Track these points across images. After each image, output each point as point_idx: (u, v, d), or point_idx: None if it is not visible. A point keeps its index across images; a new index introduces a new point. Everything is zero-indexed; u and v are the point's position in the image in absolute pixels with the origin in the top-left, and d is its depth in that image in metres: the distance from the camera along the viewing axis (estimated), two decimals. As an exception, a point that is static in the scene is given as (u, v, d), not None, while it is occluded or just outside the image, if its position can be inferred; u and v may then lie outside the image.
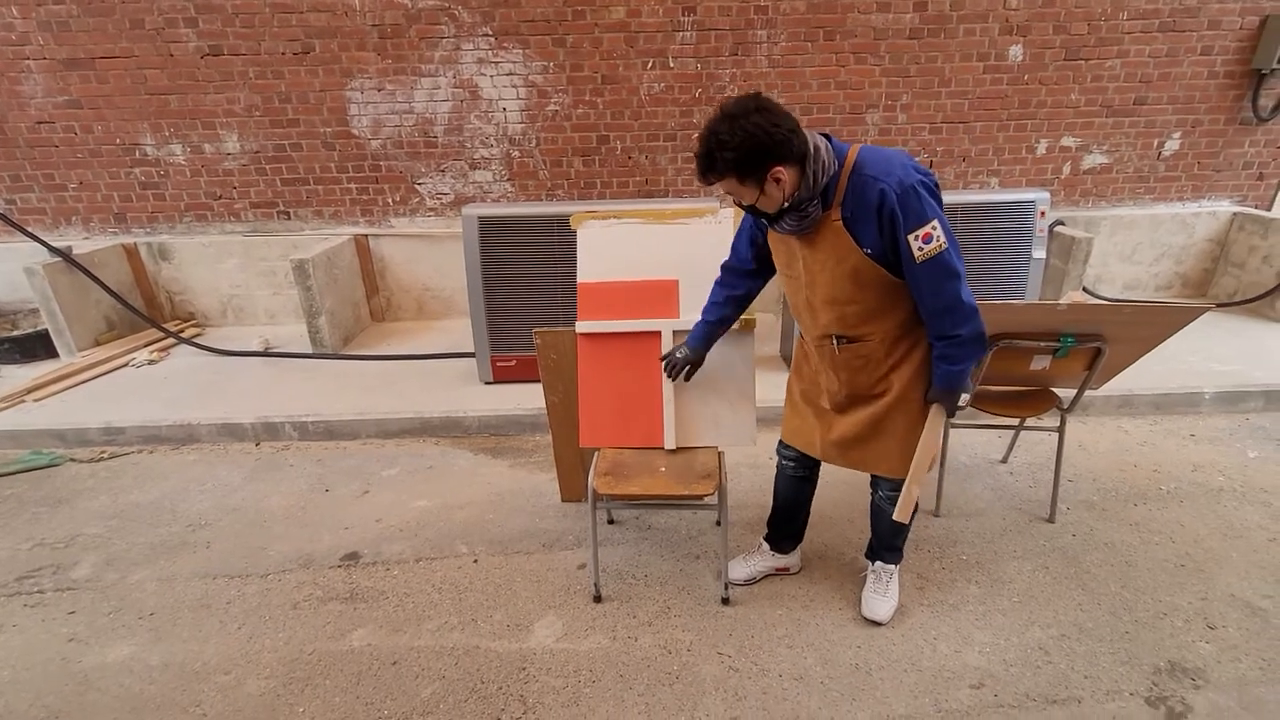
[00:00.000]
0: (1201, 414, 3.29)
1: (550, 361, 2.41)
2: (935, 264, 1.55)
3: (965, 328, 1.61)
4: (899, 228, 1.52)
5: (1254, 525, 2.48)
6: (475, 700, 1.85)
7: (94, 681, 1.95)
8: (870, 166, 1.54)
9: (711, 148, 1.50)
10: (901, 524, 2.03)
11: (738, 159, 1.48)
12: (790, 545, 2.28)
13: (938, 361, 1.69)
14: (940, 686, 1.85)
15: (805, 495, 2.19)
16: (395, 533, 2.58)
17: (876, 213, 1.53)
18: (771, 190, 1.54)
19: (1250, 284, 4.31)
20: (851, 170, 1.56)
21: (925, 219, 1.52)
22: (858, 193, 1.55)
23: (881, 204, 1.51)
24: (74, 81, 4.00)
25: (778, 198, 1.56)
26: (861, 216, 1.56)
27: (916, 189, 1.51)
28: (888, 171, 1.52)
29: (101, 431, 3.23)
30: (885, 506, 1.99)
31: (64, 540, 2.58)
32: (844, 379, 1.82)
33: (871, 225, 1.55)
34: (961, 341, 1.63)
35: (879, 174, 1.52)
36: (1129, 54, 4.11)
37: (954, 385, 1.70)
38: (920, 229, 1.52)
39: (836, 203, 1.58)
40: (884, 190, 1.50)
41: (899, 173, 1.51)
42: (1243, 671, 1.87)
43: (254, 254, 4.41)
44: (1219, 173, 4.47)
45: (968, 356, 1.66)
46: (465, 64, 4.02)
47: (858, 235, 1.58)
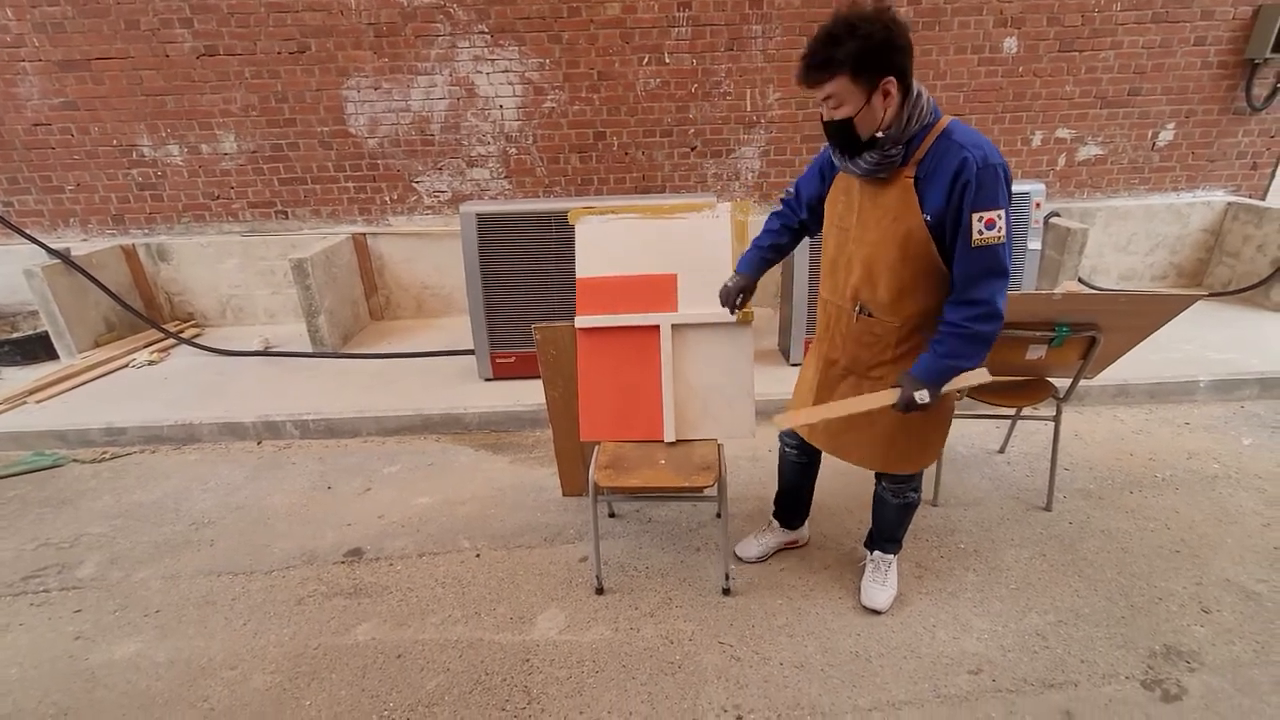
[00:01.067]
0: (1197, 402, 3.32)
1: (550, 357, 2.42)
2: (988, 254, 1.52)
3: (984, 325, 1.56)
4: (967, 201, 1.49)
5: (1248, 511, 2.51)
6: (480, 692, 1.87)
7: (101, 678, 1.97)
8: (960, 135, 1.52)
9: (838, 34, 1.42)
10: (904, 518, 2.06)
11: (862, 50, 1.42)
12: (799, 520, 2.35)
13: (934, 345, 1.62)
14: (939, 672, 1.88)
15: (809, 479, 2.25)
16: (397, 529, 2.60)
17: (953, 177, 1.49)
18: (877, 104, 1.49)
19: (1245, 273, 4.33)
20: (940, 133, 1.54)
21: (996, 203, 1.49)
22: (939, 155, 1.52)
23: (961, 170, 1.48)
24: (70, 83, 4.00)
25: (878, 116, 1.50)
26: (935, 178, 1.53)
27: (998, 170, 1.49)
28: (976, 144, 1.50)
29: (103, 432, 3.25)
30: (888, 498, 2.02)
31: (68, 540, 2.60)
32: (849, 350, 1.81)
33: (942, 189, 1.51)
34: (971, 336, 1.57)
35: (967, 143, 1.50)
36: (1122, 45, 4.12)
37: (931, 378, 1.62)
38: (988, 211, 1.49)
39: (915, 160, 1.55)
40: (967, 158, 1.48)
41: (987, 149, 1.50)
42: (1236, 654, 1.90)
43: (252, 254, 4.42)
44: (1213, 163, 4.48)
45: (966, 355, 1.60)
46: (461, 62, 4.03)
47: (924, 197, 1.55)
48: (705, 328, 2.17)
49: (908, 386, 1.65)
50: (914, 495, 2.01)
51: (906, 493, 1.99)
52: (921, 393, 1.62)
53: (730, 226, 2.18)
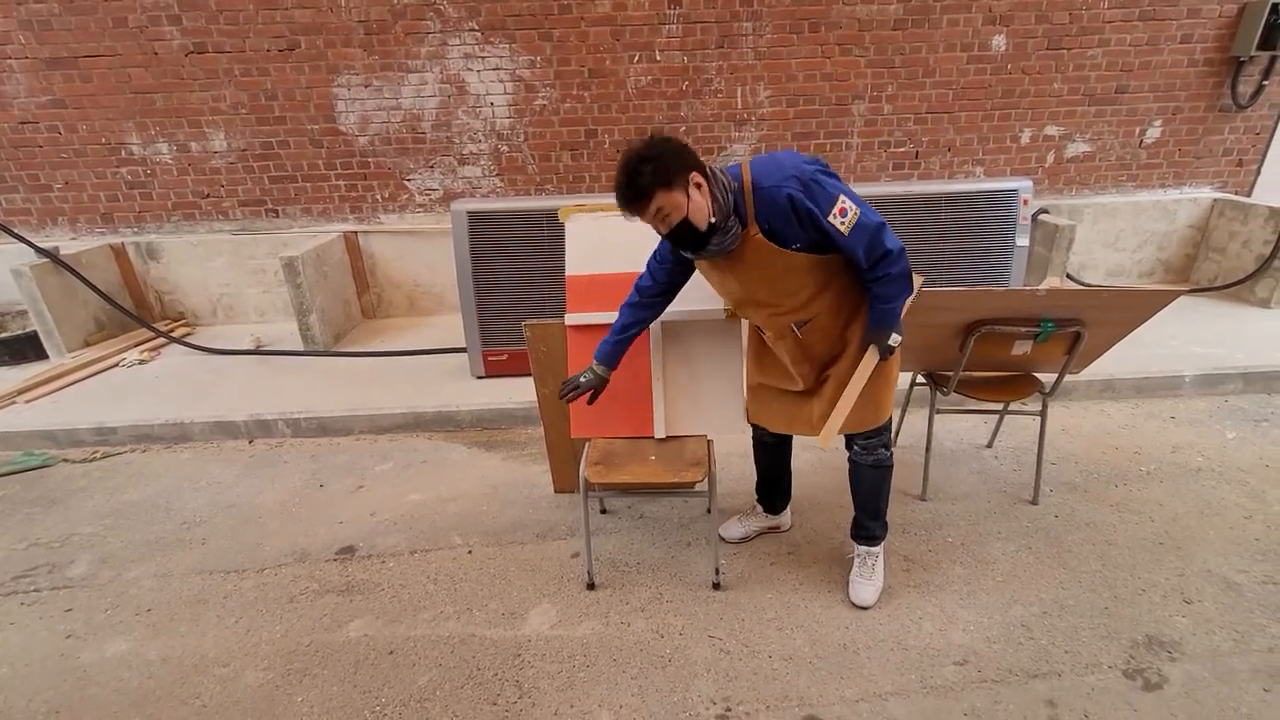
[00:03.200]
0: (1182, 396, 3.36)
1: (540, 354, 2.43)
2: (859, 229, 1.68)
3: (894, 267, 1.73)
4: (818, 216, 1.65)
5: (1231, 503, 2.55)
6: (472, 686, 1.89)
7: (93, 676, 1.97)
8: (767, 178, 1.67)
9: (634, 169, 1.58)
10: (881, 484, 2.09)
11: (659, 168, 1.57)
12: (781, 504, 2.42)
13: (873, 303, 1.80)
14: (926, 664, 1.90)
15: (784, 458, 2.32)
16: (390, 526, 2.60)
17: (793, 214, 1.66)
18: (696, 198, 1.63)
19: (1231, 269, 4.38)
20: (753, 187, 1.68)
21: (833, 199, 1.65)
22: (768, 205, 1.67)
23: (794, 206, 1.64)
24: (57, 81, 3.97)
25: (704, 207, 1.65)
26: (780, 223, 1.68)
27: (817, 178, 1.65)
28: (785, 176, 1.65)
29: (93, 432, 3.24)
30: (861, 461, 2.05)
31: (59, 540, 2.60)
32: (809, 355, 1.94)
33: (792, 225, 1.68)
34: (891, 279, 1.74)
35: (779, 181, 1.65)
36: (1110, 43, 4.16)
37: (887, 323, 1.80)
38: (834, 207, 1.65)
39: (751, 218, 1.70)
40: (790, 194, 1.63)
41: (794, 172, 1.65)
42: (1217, 643, 1.93)
43: (243, 252, 4.41)
44: (1199, 159, 4.53)
45: (898, 293, 1.77)
46: (452, 59, 4.02)
47: (782, 239, 1.71)
48: (694, 324, 2.19)
49: (879, 339, 1.83)
50: (884, 453, 2.04)
51: (876, 449, 2.03)
52: (893, 337, 1.81)
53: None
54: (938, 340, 2.30)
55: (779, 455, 2.31)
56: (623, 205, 1.64)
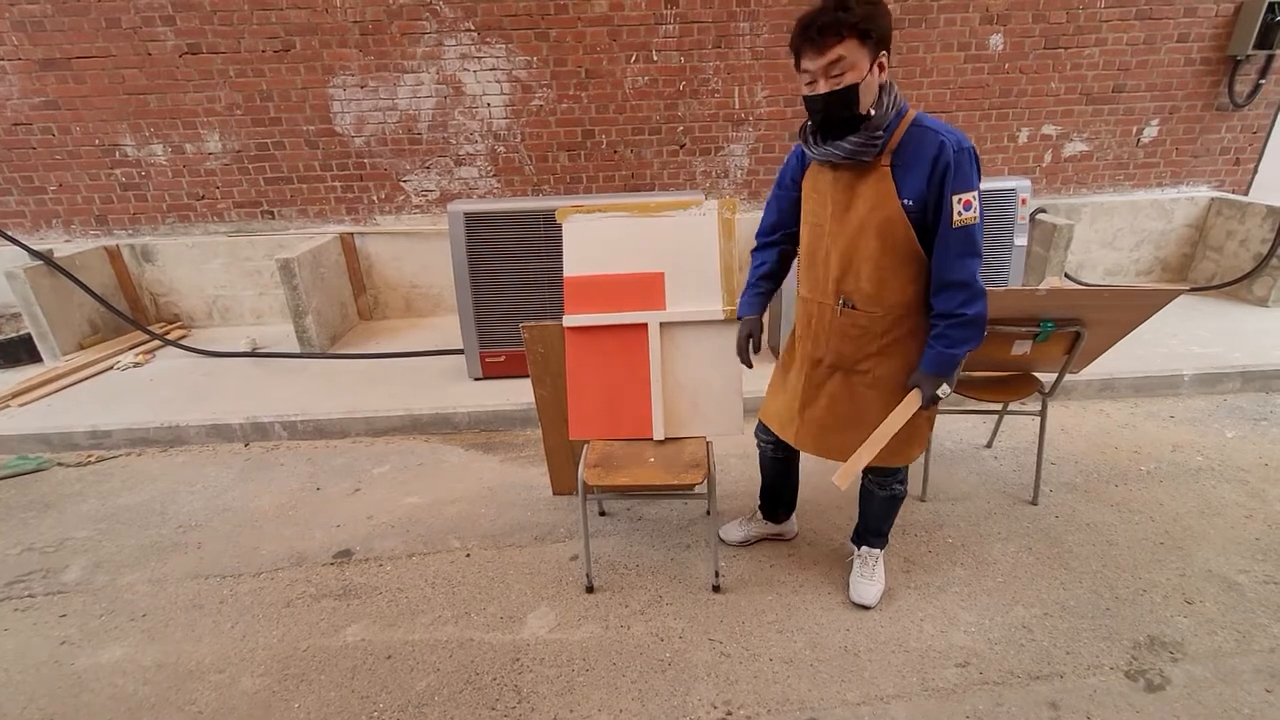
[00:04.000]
0: (1181, 396, 3.35)
1: (538, 355, 2.42)
2: (966, 234, 1.57)
3: (972, 308, 1.61)
4: (947, 184, 1.54)
5: (1231, 503, 2.54)
6: (470, 691, 1.87)
7: (87, 683, 1.95)
8: (931, 123, 1.59)
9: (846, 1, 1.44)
10: (890, 511, 2.08)
11: (870, 15, 1.44)
12: (784, 514, 2.36)
13: (933, 342, 1.67)
14: (927, 666, 1.89)
15: (790, 471, 2.27)
16: (387, 529, 2.59)
17: (932, 163, 1.54)
18: (873, 79, 1.51)
19: (1228, 267, 4.38)
20: (912, 122, 1.59)
21: (971, 185, 1.56)
22: (915, 142, 1.57)
23: (939, 155, 1.53)
24: (50, 82, 3.95)
25: (873, 91, 1.53)
26: (912, 165, 1.57)
27: (972, 153, 1.56)
28: (949, 130, 1.57)
29: (88, 435, 3.21)
30: (875, 492, 2.03)
31: (53, 544, 2.57)
32: (834, 346, 1.81)
33: (921, 175, 1.56)
34: (966, 322, 1.62)
35: (940, 130, 1.56)
36: (1107, 42, 4.16)
37: (944, 370, 1.68)
38: (965, 193, 1.55)
39: (889, 149, 1.59)
40: (944, 143, 1.53)
41: (958, 134, 1.57)
42: (1219, 644, 1.93)
43: (238, 254, 4.38)
44: (1197, 159, 4.53)
45: (966, 340, 1.64)
46: (448, 60, 4.01)
47: (901, 184, 1.58)
48: (693, 325, 2.17)
49: (927, 385, 1.71)
50: (900, 488, 2.02)
51: (892, 485, 2.00)
52: (942, 387, 1.69)
53: (718, 224, 2.19)
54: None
55: (785, 468, 2.24)
56: (808, 33, 1.46)
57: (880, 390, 1.80)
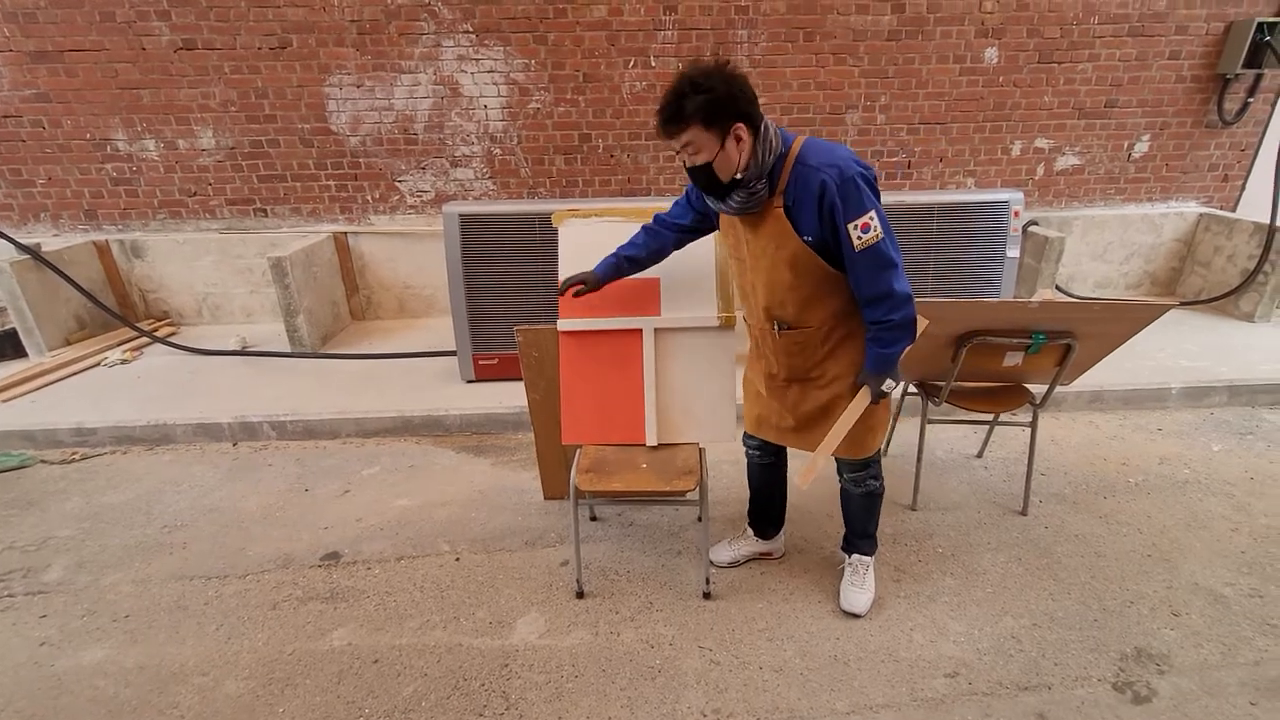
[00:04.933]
0: (1168, 409, 3.38)
1: (532, 359, 2.41)
2: (872, 253, 1.61)
3: (897, 314, 1.67)
4: (839, 216, 1.58)
5: (1217, 516, 2.56)
6: (458, 697, 1.85)
7: (67, 685, 1.92)
8: (813, 157, 1.60)
9: (684, 91, 1.52)
10: (870, 509, 2.10)
11: (708, 103, 1.51)
12: (773, 531, 2.34)
13: (870, 344, 1.75)
14: (916, 676, 1.89)
15: (777, 480, 2.26)
16: (376, 532, 2.56)
17: (818, 201, 1.59)
18: (730, 149, 1.58)
19: (1216, 282, 4.44)
20: (795, 160, 1.62)
21: (864, 209, 1.58)
22: (801, 181, 1.61)
23: (823, 193, 1.57)
24: (42, 75, 3.91)
25: (734, 160, 1.59)
26: (803, 205, 1.62)
27: (856, 180, 1.57)
28: (830, 162, 1.58)
29: (73, 432, 3.17)
30: (851, 490, 2.06)
31: (35, 543, 2.53)
32: (783, 362, 1.89)
33: (813, 213, 1.61)
34: (893, 326, 1.68)
35: (821, 164, 1.58)
36: (1100, 58, 4.21)
37: (883, 369, 1.75)
38: (859, 219, 1.58)
39: (780, 190, 1.64)
40: (825, 180, 1.56)
41: (840, 164, 1.58)
42: (1205, 656, 1.94)
43: (230, 251, 4.35)
44: (1186, 174, 4.59)
45: (898, 340, 1.71)
46: (446, 61, 4.00)
47: (798, 223, 1.64)
48: (688, 332, 2.17)
49: (872, 383, 1.79)
50: (875, 484, 2.04)
51: (866, 480, 2.02)
52: (887, 383, 1.77)
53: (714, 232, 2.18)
54: (929, 351, 2.30)
55: (772, 475, 2.24)
56: (658, 123, 1.59)
57: (838, 385, 1.87)
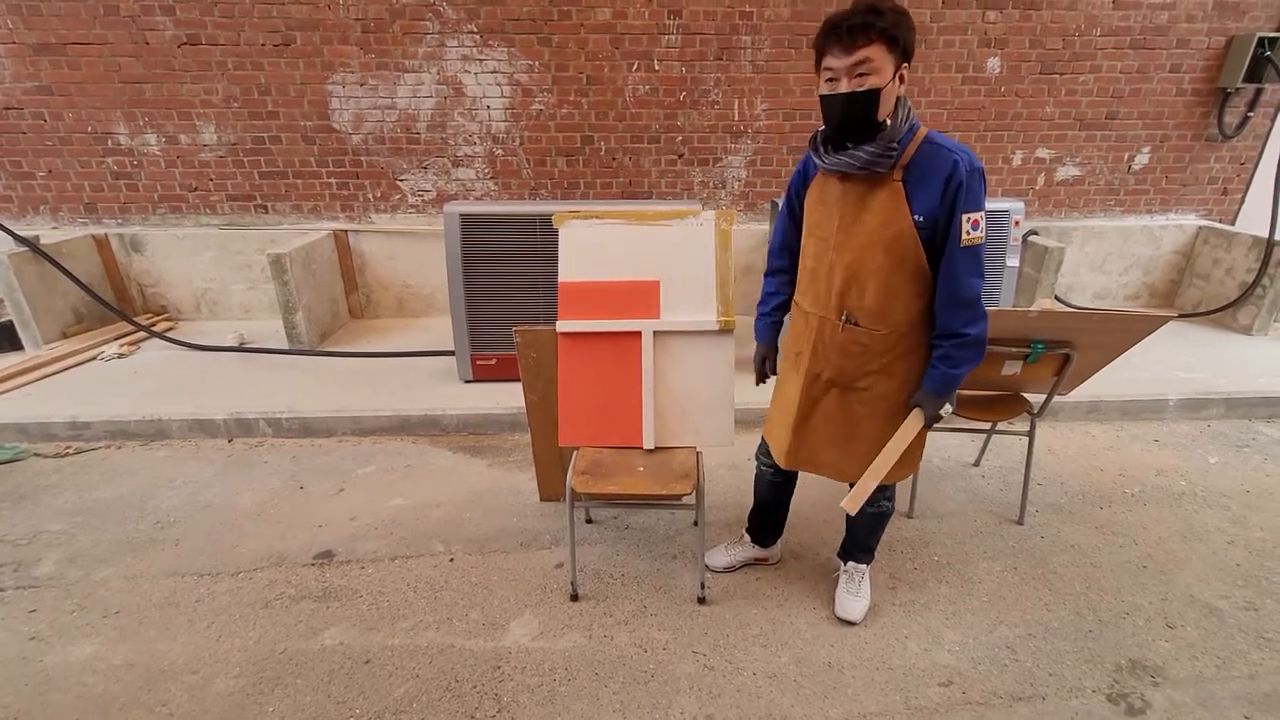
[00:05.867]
0: (1165, 420, 3.39)
1: (530, 360, 2.40)
2: (973, 254, 1.59)
3: (975, 327, 1.63)
4: (959, 203, 1.54)
5: (1213, 528, 2.56)
6: (449, 699, 1.84)
7: (56, 681, 1.90)
8: (944, 141, 1.59)
9: (880, 4, 1.45)
10: (877, 527, 2.08)
11: (899, 24, 1.45)
12: (771, 539, 2.33)
13: (936, 363, 1.68)
14: (911, 684, 1.89)
15: (784, 497, 2.24)
16: (370, 531, 2.55)
17: (945, 181, 1.54)
18: (892, 88, 1.51)
19: (1214, 295, 4.45)
20: (924, 139, 1.59)
21: (980, 205, 1.57)
22: (927, 159, 1.57)
23: (953, 174, 1.54)
24: (44, 67, 3.90)
25: (892, 100, 1.53)
26: (924, 182, 1.57)
27: (981, 175, 1.57)
28: (961, 149, 1.57)
29: (67, 426, 3.15)
30: (863, 507, 2.01)
31: (26, 537, 2.52)
32: (835, 361, 1.78)
33: (934, 192, 1.56)
34: (969, 342, 1.64)
35: (954, 148, 1.56)
36: (1101, 69, 4.22)
37: (946, 390, 1.69)
38: (974, 213, 1.56)
39: (901, 164, 1.58)
40: (958, 162, 1.54)
41: (970, 154, 1.57)
42: (1199, 669, 1.93)
43: (229, 247, 4.34)
44: (1185, 187, 4.60)
45: (968, 360, 1.66)
46: (449, 61, 4.00)
47: (913, 200, 1.58)
48: (687, 335, 2.17)
49: (929, 405, 1.72)
50: (887, 504, 2.02)
51: (880, 501, 2.00)
52: (945, 407, 1.71)
53: (714, 235, 2.19)
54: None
55: (781, 493, 2.21)
56: (837, 32, 1.45)
57: (876, 408, 1.80)
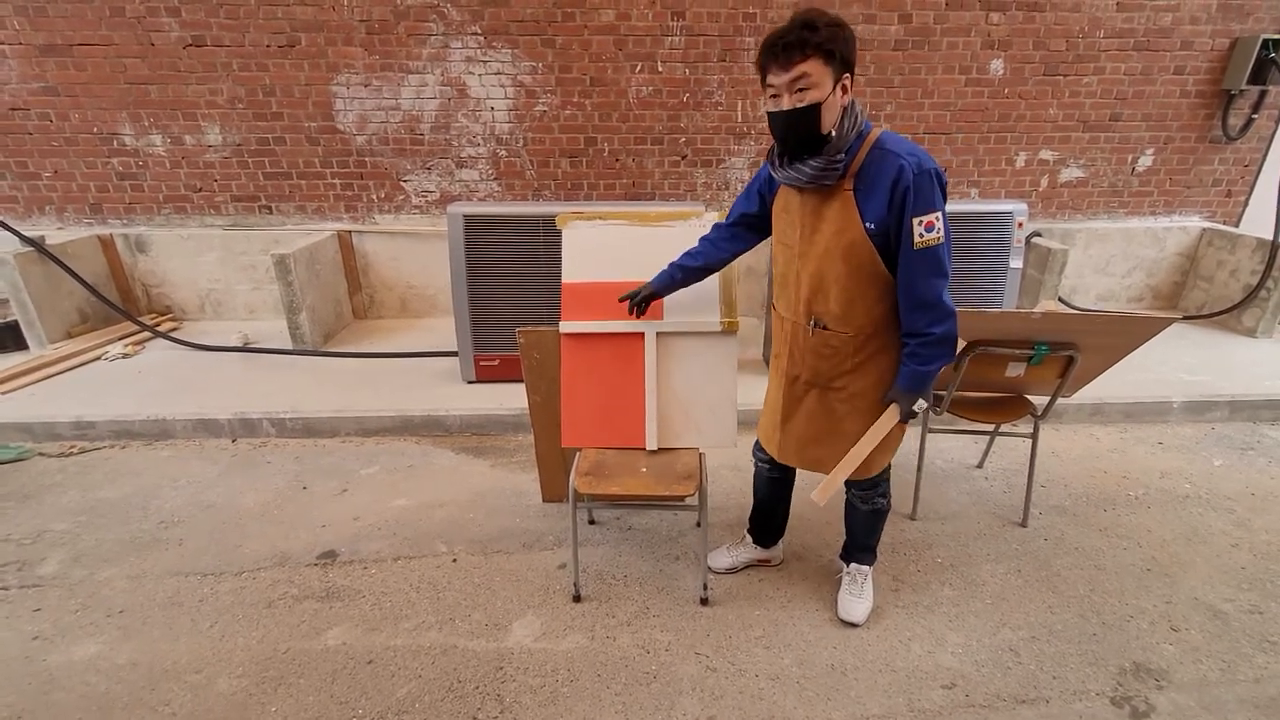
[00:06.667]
0: (1170, 423, 3.38)
1: (533, 361, 2.41)
2: (929, 255, 1.57)
3: (940, 327, 1.63)
4: (908, 207, 1.54)
5: (1218, 531, 2.55)
6: (451, 700, 1.84)
7: (59, 680, 1.91)
8: (892, 144, 1.57)
9: (811, 20, 1.46)
10: (875, 524, 2.08)
11: (835, 37, 1.46)
12: (772, 540, 2.33)
13: (906, 359, 1.70)
14: (913, 686, 1.88)
15: (783, 494, 2.23)
16: (373, 531, 2.56)
17: (891, 186, 1.54)
18: (836, 98, 1.52)
19: (1218, 297, 4.43)
20: (874, 144, 1.58)
21: (933, 207, 1.55)
22: (875, 165, 1.57)
23: (899, 178, 1.53)
24: (50, 68, 3.92)
25: (836, 112, 1.54)
26: (873, 189, 1.57)
27: (932, 175, 1.55)
28: (910, 152, 1.56)
29: (72, 426, 3.16)
30: (857, 505, 2.04)
31: (30, 536, 2.52)
32: (809, 363, 1.83)
33: (882, 198, 1.56)
34: (934, 341, 1.64)
35: (902, 151, 1.55)
36: (1105, 71, 4.22)
37: (917, 387, 1.71)
38: (926, 215, 1.55)
39: (851, 173, 1.60)
40: (904, 166, 1.53)
41: (920, 156, 1.56)
42: (1204, 673, 1.93)
43: (234, 248, 4.35)
44: (1189, 189, 4.59)
45: (937, 358, 1.67)
46: (454, 62, 4.01)
47: (863, 208, 1.59)
48: (690, 336, 2.17)
49: (903, 402, 1.74)
50: (882, 501, 2.02)
51: (874, 498, 2.01)
52: (918, 402, 1.74)
53: (717, 236, 2.18)
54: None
55: (779, 490, 2.21)
56: (774, 50, 1.49)
57: (855, 405, 1.82)
